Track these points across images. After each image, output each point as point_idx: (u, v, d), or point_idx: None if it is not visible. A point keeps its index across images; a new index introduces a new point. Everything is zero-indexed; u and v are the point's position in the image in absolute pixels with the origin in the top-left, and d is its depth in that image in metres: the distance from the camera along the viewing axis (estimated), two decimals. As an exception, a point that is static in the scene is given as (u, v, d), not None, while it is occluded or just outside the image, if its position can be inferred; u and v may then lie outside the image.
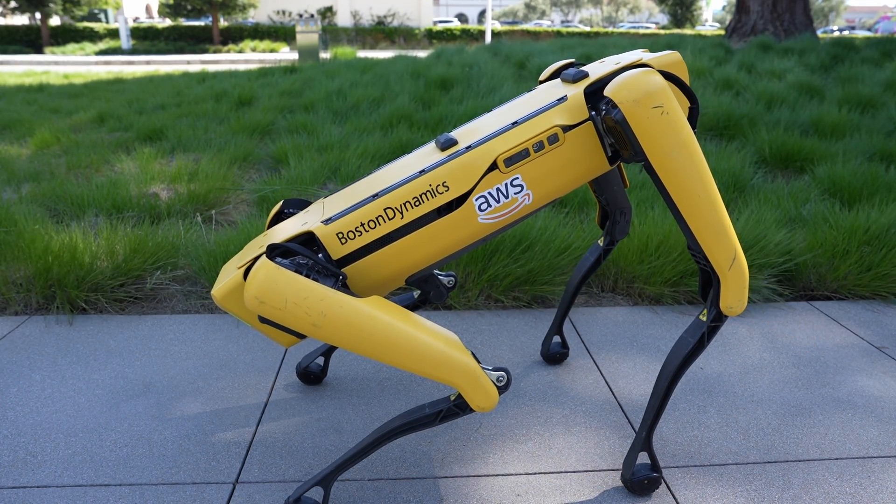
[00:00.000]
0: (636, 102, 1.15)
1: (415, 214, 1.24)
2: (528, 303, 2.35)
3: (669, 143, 1.16)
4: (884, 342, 2.12)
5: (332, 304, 1.12)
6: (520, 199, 1.27)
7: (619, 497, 1.39)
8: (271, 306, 1.12)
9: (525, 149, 1.24)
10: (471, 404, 1.17)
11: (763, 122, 4.60)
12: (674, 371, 1.30)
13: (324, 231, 1.24)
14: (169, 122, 5.26)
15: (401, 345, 1.13)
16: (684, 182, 1.17)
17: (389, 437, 1.24)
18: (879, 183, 3.33)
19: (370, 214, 1.23)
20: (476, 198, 1.25)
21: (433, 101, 5.44)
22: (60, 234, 2.47)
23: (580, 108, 1.26)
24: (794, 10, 8.78)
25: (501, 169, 1.24)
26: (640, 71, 1.18)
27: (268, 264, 1.14)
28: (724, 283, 1.22)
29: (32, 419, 1.63)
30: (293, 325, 1.13)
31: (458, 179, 1.24)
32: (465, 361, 1.15)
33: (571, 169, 1.27)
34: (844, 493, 1.41)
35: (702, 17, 40.46)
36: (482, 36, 27.62)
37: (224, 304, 1.26)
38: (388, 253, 1.25)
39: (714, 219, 1.19)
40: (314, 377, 1.80)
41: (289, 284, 1.12)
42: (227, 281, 1.25)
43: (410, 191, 1.24)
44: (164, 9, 24.69)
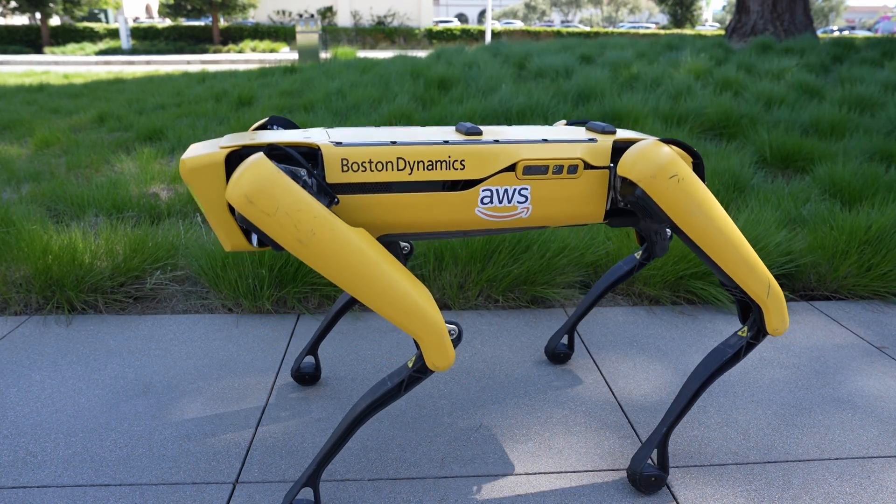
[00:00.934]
0: (653, 177, 1.23)
1: (423, 177, 1.23)
2: (528, 303, 2.35)
3: (689, 205, 1.25)
4: (884, 342, 2.12)
5: (323, 224, 1.07)
6: (518, 210, 1.30)
7: (619, 497, 1.39)
8: (260, 209, 1.05)
9: (546, 165, 1.28)
10: (427, 361, 1.15)
11: (763, 122, 4.60)
12: (705, 378, 1.35)
13: (330, 150, 1.18)
14: (169, 122, 5.26)
15: (378, 284, 1.10)
16: (709, 234, 1.26)
17: (360, 419, 1.22)
18: (879, 183, 3.33)
19: (382, 156, 1.20)
20: (484, 188, 1.26)
21: (433, 102, 5.44)
22: (60, 235, 2.47)
23: (605, 156, 1.33)
24: (794, 10, 8.79)
25: (518, 174, 1.27)
26: (648, 145, 1.26)
27: (266, 162, 1.07)
28: (766, 311, 1.31)
29: (32, 419, 1.63)
30: (277, 235, 1.06)
31: (476, 164, 1.25)
32: (434, 317, 1.14)
33: (573, 204, 1.33)
34: (844, 493, 1.41)
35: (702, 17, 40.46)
36: (482, 36, 27.62)
37: (189, 178, 1.14)
38: (380, 200, 1.22)
39: (742, 259, 1.27)
40: (309, 377, 1.79)
41: (285, 191, 1.06)
42: (204, 155, 1.14)
43: (429, 153, 1.22)
44: (164, 9, 24.69)
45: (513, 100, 4.97)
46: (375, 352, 1.99)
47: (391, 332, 2.12)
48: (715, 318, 2.26)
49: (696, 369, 1.38)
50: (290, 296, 2.28)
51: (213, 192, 1.16)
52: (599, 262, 2.51)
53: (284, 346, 2.02)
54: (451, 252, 2.41)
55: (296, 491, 1.27)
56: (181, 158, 1.14)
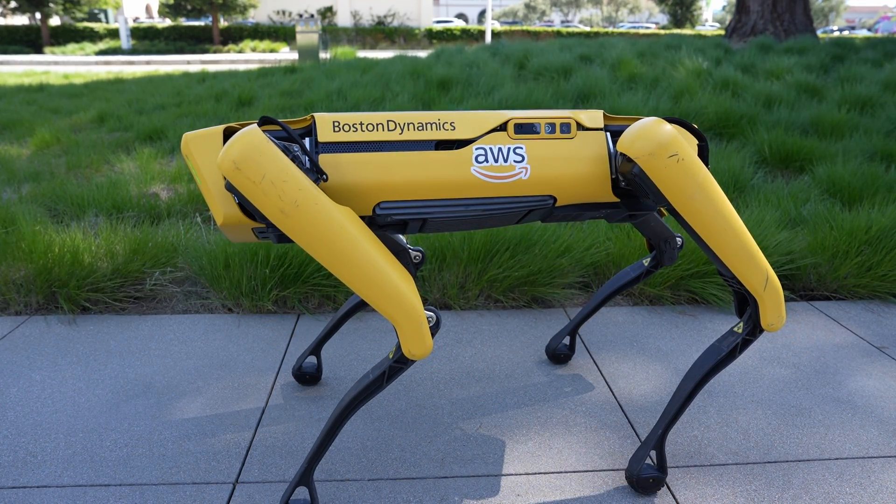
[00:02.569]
0: (651, 155, 1.19)
1: (413, 136, 1.23)
2: (528, 303, 2.35)
3: (689, 187, 1.21)
4: (884, 342, 2.12)
5: (307, 197, 1.07)
6: (517, 169, 1.27)
7: (619, 497, 1.39)
8: (246, 176, 1.06)
9: (537, 123, 1.27)
10: (403, 348, 1.14)
11: (763, 122, 4.60)
12: (700, 377, 1.33)
13: (323, 117, 1.21)
14: (169, 122, 5.26)
15: (359, 263, 1.09)
16: (708, 220, 1.23)
17: (346, 414, 1.22)
18: (879, 183, 3.33)
19: (372, 119, 1.22)
20: (477, 146, 1.25)
21: (433, 101, 5.44)
22: (60, 235, 2.47)
23: (597, 120, 1.31)
24: (794, 10, 8.79)
25: (510, 133, 1.26)
26: (649, 122, 1.22)
27: (257, 132, 1.08)
28: (762, 304, 1.28)
29: (32, 419, 1.63)
30: (261, 204, 1.07)
31: (466, 125, 1.25)
32: (414, 303, 1.13)
33: (574, 165, 1.29)
34: (844, 493, 1.41)
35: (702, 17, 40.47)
36: (482, 36, 27.63)
37: (189, 148, 1.18)
38: (372, 159, 1.21)
39: (741, 248, 1.24)
40: (310, 377, 1.80)
41: (272, 161, 1.07)
42: (205, 130, 1.19)
43: (418, 116, 1.24)
44: (164, 9, 24.69)
45: (513, 100, 4.98)
46: (376, 352, 1.99)
47: (391, 332, 2.12)
48: (715, 318, 2.26)
49: (691, 368, 1.37)
50: (291, 296, 2.28)
51: (210, 162, 1.18)
52: (600, 264, 2.51)
53: (285, 346, 2.02)
54: (452, 252, 2.41)
55: (290, 491, 1.27)
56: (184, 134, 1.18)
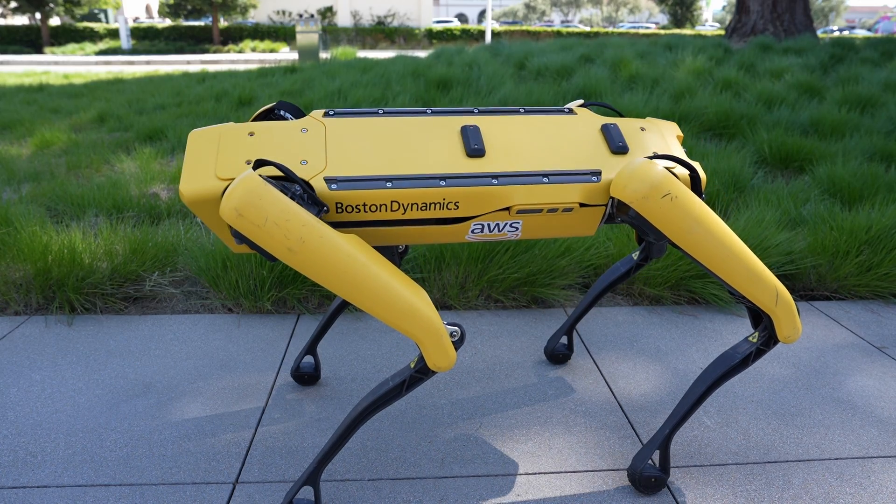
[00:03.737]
0: (645, 198, 1.21)
1: (416, 216, 1.24)
2: (528, 303, 2.35)
3: (686, 222, 1.23)
4: (884, 342, 2.12)
5: (312, 232, 1.09)
6: (508, 236, 1.32)
7: (619, 497, 1.39)
8: (250, 221, 1.07)
9: (540, 208, 1.29)
10: (428, 362, 1.16)
11: (763, 122, 4.60)
12: (712, 381, 1.34)
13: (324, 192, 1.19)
14: (169, 122, 5.26)
15: (372, 288, 1.11)
16: (710, 250, 1.24)
17: (361, 418, 1.23)
18: (879, 183, 3.33)
19: (376, 199, 1.21)
20: (475, 223, 1.28)
21: (433, 102, 5.44)
22: (60, 235, 2.47)
23: (605, 193, 1.31)
24: (794, 10, 8.78)
25: (511, 213, 1.28)
26: (639, 165, 1.24)
27: (254, 178, 1.09)
28: (776, 319, 1.29)
29: (32, 419, 1.63)
30: (268, 245, 1.09)
31: (470, 205, 1.26)
32: (431, 317, 1.14)
33: (565, 229, 1.35)
34: (844, 493, 1.41)
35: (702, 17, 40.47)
36: (482, 36, 27.63)
37: (193, 208, 1.19)
38: (373, 232, 1.25)
39: (746, 271, 1.25)
40: (308, 377, 1.80)
41: (273, 203, 1.08)
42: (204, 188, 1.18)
43: (423, 196, 1.23)
44: (164, 9, 24.69)
45: (513, 100, 4.98)
46: (375, 352, 1.99)
47: (391, 332, 2.12)
48: (716, 318, 2.26)
49: (703, 372, 1.37)
50: (291, 296, 2.28)
51: (214, 215, 1.22)
52: (600, 264, 2.51)
53: (284, 346, 2.02)
54: (452, 252, 2.41)
55: (296, 489, 1.27)
56: (181, 189, 1.18)
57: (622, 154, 1.35)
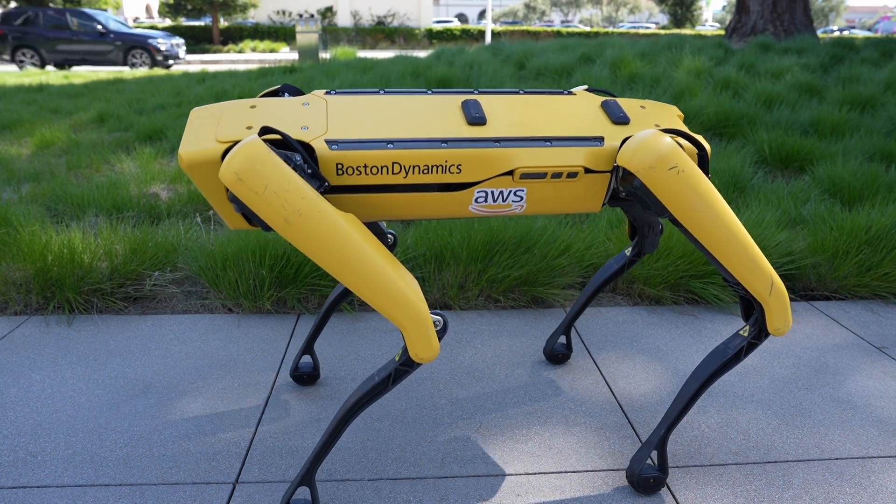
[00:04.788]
0: (651, 168, 1.19)
1: (418, 180, 1.22)
2: (528, 303, 2.35)
3: (690, 197, 1.21)
4: (884, 342, 2.12)
5: (311, 206, 1.07)
6: (513, 207, 1.29)
7: (619, 497, 1.39)
8: (249, 187, 1.06)
9: (544, 172, 1.26)
10: (410, 352, 1.14)
11: (763, 121, 4.60)
12: (704, 378, 1.33)
13: (325, 154, 1.18)
14: (169, 122, 5.26)
15: (364, 270, 1.10)
16: (711, 230, 1.22)
17: (350, 415, 1.22)
18: (879, 183, 3.33)
19: (377, 160, 1.19)
20: (479, 189, 1.25)
21: (433, 101, 5.43)
22: (60, 235, 2.47)
23: (609, 160, 1.29)
24: (794, 10, 8.78)
25: (514, 178, 1.26)
26: (648, 134, 1.22)
27: (259, 143, 1.08)
28: (768, 309, 1.28)
29: (32, 419, 1.63)
30: (265, 214, 1.07)
31: (474, 169, 1.23)
32: (420, 307, 1.13)
33: (570, 201, 1.32)
34: (844, 493, 1.41)
35: (702, 17, 40.48)
36: (482, 36, 27.63)
37: (190, 171, 1.17)
38: (374, 198, 1.22)
39: (745, 255, 1.24)
40: (308, 377, 1.80)
41: (275, 171, 1.06)
42: (204, 150, 1.16)
43: (426, 157, 1.21)
44: (165, 9, 24.69)
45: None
46: (375, 352, 1.99)
47: (391, 332, 2.12)
48: (716, 318, 2.26)
49: (695, 370, 1.37)
50: (290, 296, 2.28)
51: (213, 184, 1.18)
52: (600, 263, 2.51)
53: (284, 346, 2.02)
54: (452, 252, 2.41)
55: (292, 490, 1.27)
56: (180, 152, 1.15)
57: (624, 124, 1.33)
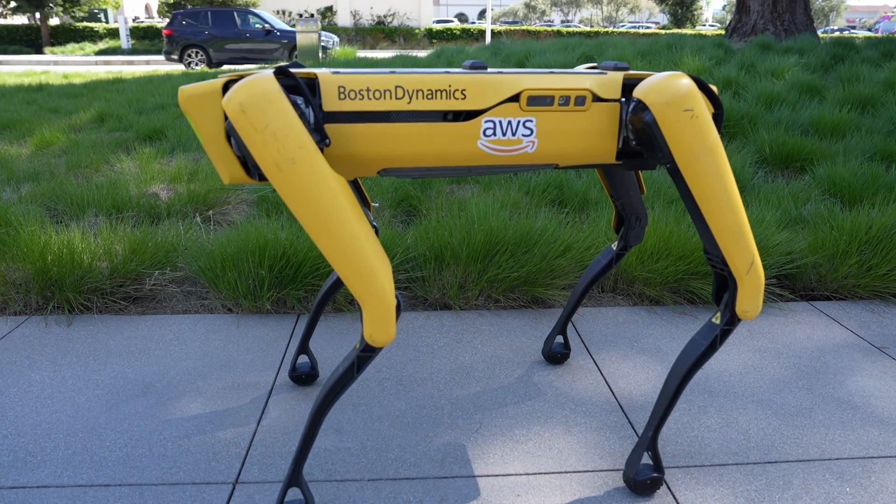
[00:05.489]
0: (667, 105, 1.16)
1: (422, 106, 1.18)
2: (528, 303, 2.35)
3: (697, 146, 1.18)
4: (884, 342, 2.12)
5: (305, 156, 1.05)
6: (524, 143, 1.24)
7: (619, 497, 1.39)
8: (249, 121, 1.03)
9: (552, 96, 1.22)
10: (365, 332, 1.13)
11: (763, 121, 4.60)
12: (684, 373, 1.31)
13: (327, 78, 1.15)
14: (169, 122, 5.26)
15: (341, 236, 1.08)
16: (708, 185, 1.19)
17: (323, 410, 1.22)
18: (880, 183, 3.33)
19: (380, 84, 1.16)
20: (486, 119, 1.21)
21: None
22: (59, 235, 2.46)
23: (615, 88, 1.26)
24: (794, 9, 8.78)
25: (522, 105, 1.21)
26: (669, 74, 1.19)
27: (272, 80, 1.05)
28: (741, 287, 1.25)
29: (32, 419, 1.62)
30: (259, 153, 1.04)
31: (478, 94, 1.20)
32: (385, 287, 1.11)
33: (582, 139, 1.26)
34: (844, 493, 1.41)
35: (702, 17, 40.46)
36: (482, 36, 27.61)
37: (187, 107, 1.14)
38: (377, 130, 1.18)
39: (735, 223, 1.21)
40: (306, 377, 1.79)
41: (279, 112, 1.04)
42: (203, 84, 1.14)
43: (428, 82, 1.18)
44: (164, 8, 24.67)
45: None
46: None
47: (391, 332, 2.11)
48: (715, 318, 2.26)
49: (673, 366, 1.34)
50: (290, 296, 2.28)
51: (211, 121, 1.14)
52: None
53: (284, 346, 2.02)
54: (452, 252, 2.40)
55: (283, 493, 1.27)
56: (180, 89, 1.13)
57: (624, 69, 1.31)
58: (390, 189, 3.33)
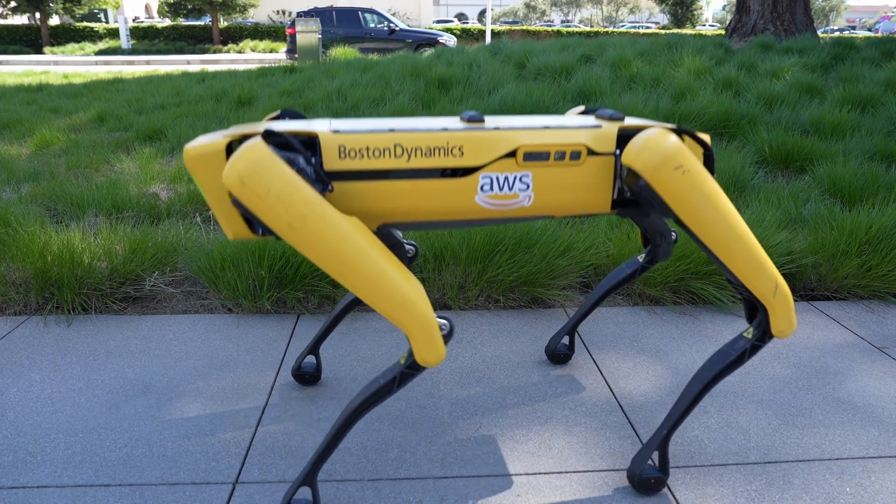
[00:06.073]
0: (657, 169, 1.18)
1: (421, 164, 1.20)
2: (528, 303, 2.35)
3: (695, 197, 1.20)
4: (884, 342, 2.12)
5: (314, 210, 1.07)
6: (520, 198, 1.27)
7: (619, 497, 1.39)
8: (252, 191, 1.05)
9: (547, 152, 1.25)
10: (416, 356, 1.14)
11: (763, 121, 4.60)
12: (707, 380, 1.33)
13: (328, 138, 1.18)
14: (169, 122, 5.26)
15: (368, 274, 1.09)
16: (715, 230, 1.22)
17: (354, 417, 1.22)
18: (880, 183, 3.33)
19: (380, 143, 1.19)
20: (483, 175, 1.23)
21: (433, 101, 5.44)
22: (59, 235, 2.46)
23: (609, 142, 1.29)
24: (794, 9, 8.78)
25: (518, 160, 1.24)
26: (653, 133, 1.21)
27: (262, 146, 1.07)
28: (772, 311, 1.27)
29: (32, 419, 1.63)
30: (268, 218, 1.06)
31: (475, 151, 1.22)
32: (425, 310, 1.13)
33: (577, 192, 1.30)
34: (844, 493, 1.41)
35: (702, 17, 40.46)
36: (482, 35, 27.62)
37: (192, 166, 1.17)
38: (378, 188, 1.21)
39: (749, 256, 1.23)
40: (309, 377, 1.79)
41: (278, 175, 1.06)
42: (208, 143, 1.16)
43: (427, 140, 1.20)
44: (164, 8, 24.68)
45: (513, 100, 4.97)
46: (375, 352, 1.99)
47: (391, 332, 2.12)
48: (716, 319, 2.26)
49: (698, 371, 1.36)
50: (290, 296, 2.28)
51: (215, 180, 1.17)
52: (600, 264, 2.51)
53: (284, 346, 2.02)
54: (452, 252, 2.40)
55: (293, 490, 1.27)
56: (185, 147, 1.15)
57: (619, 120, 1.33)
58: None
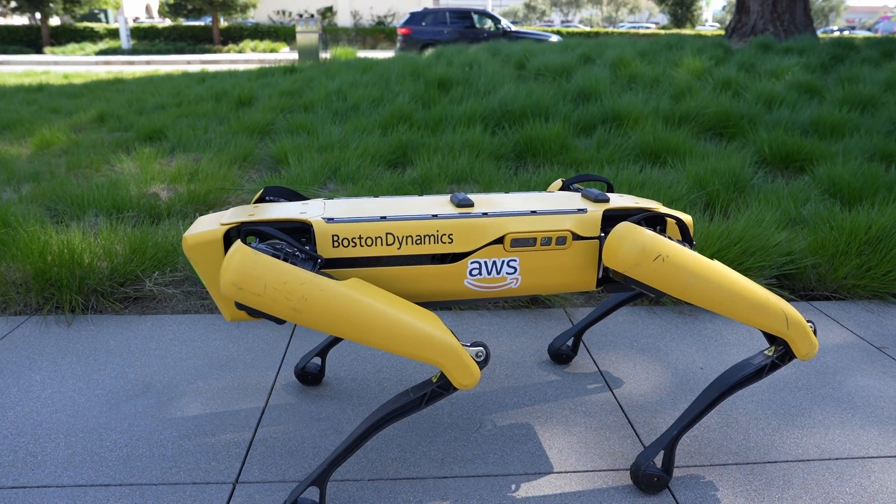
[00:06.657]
0: (637, 265, 1.24)
1: (411, 251, 1.26)
2: (528, 303, 2.35)
3: (681, 278, 1.24)
4: (884, 342, 2.12)
5: (312, 288, 1.11)
6: (508, 281, 1.32)
7: (619, 497, 1.39)
8: (250, 292, 1.10)
9: (534, 238, 1.30)
10: (454, 382, 1.17)
11: (763, 122, 4.60)
12: (725, 388, 1.35)
13: (322, 227, 1.24)
14: (169, 122, 5.26)
15: (382, 326, 1.13)
16: (710, 297, 1.26)
17: (378, 426, 1.23)
18: (879, 183, 3.33)
19: (372, 231, 1.25)
20: (472, 260, 1.29)
21: (433, 101, 5.44)
22: (60, 235, 2.47)
23: (594, 227, 1.34)
24: (794, 10, 8.78)
25: (506, 246, 1.29)
26: (623, 231, 1.26)
27: (244, 249, 1.12)
28: (791, 341, 1.31)
29: (32, 419, 1.63)
30: (273, 310, 1.11)
31: (464, 238, 1.28)
32: (446, 340, 1.15)
33: (563, 274, 1.35)
34: (844, 493, 1.41)
35: (702, 17, 40.46)
36: (482, 36, 27.55)
37: (191, 254, 1.23)
38: (370, 273, 1.27)
39: (752, 305, 1.27)
40: (312, 378, 1.80)
41: (268, 269, 1.10)
42: (206, 232, 1.22)
43: (417, 228, 1.26)
44: (165, 9, 24.69)
45: (513, 100, 4.97)
46: (375, 352, 1.99)
47: (391, 332, 2.11)
48: (715, 319, 2.26)
49: (717, 379, 1.39)
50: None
51: (212, 265, 1.23)
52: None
53: (284, 346, 2.02)
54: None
55: (303, 488, 1.27)
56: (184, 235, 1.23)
57: (604, 202, 1.39)
58: (389, 189, 3.33)
